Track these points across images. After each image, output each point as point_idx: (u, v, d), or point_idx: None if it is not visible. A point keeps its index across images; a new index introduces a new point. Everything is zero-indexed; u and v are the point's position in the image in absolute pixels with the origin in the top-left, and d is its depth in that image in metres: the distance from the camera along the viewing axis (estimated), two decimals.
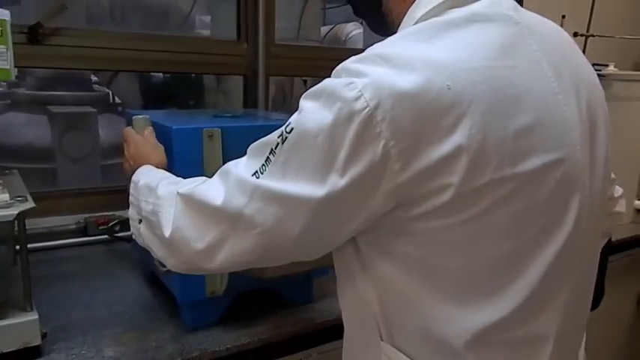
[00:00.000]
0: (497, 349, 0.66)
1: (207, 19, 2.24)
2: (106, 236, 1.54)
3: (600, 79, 0.78)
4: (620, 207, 1.00)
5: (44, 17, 1.40)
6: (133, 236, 0.88)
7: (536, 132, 0.62)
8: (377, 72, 0.59)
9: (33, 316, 0.94)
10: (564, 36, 0.76)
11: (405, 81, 0.58)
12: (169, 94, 2.14)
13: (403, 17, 0.73)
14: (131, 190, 0.89)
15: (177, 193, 0.75)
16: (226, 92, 2.04)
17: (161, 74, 2.05)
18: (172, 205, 0.75)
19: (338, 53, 2.00)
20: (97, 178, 2.13)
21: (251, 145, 0.71)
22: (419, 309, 0.66)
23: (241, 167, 0.69)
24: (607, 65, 1.88)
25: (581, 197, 0.67)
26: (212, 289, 1.07)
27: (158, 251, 0.79)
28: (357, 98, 0.58)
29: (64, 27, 1.46)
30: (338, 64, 0.65)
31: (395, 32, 0.69)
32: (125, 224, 1.55)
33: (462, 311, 0.64)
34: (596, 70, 0.78)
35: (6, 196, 0.92)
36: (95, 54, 1.54)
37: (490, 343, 0.65)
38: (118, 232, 1.55)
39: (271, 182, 0.65)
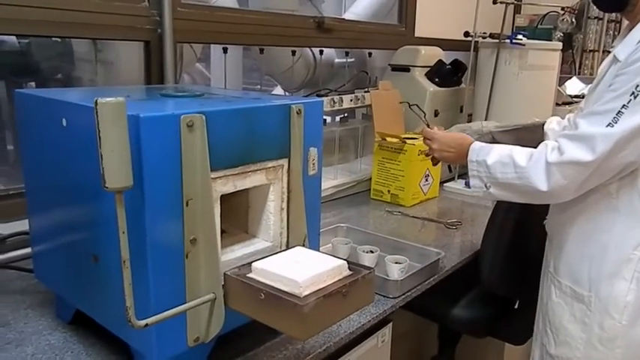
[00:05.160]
0: None
1: None
2: None
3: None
4: None
5: None
6: (482, 192, 1.13)
7: None
8: None
9: None
10: None
11: None
12: (25, 65, 1.63)
13: None
14: (475, 167, 1.13)
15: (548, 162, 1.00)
16: (108, 63, 1.62)
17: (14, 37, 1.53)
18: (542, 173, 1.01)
19: (259, 17, 1.69)
20: None
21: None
22: None
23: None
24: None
25: None
26: (196, 336, 0.78)
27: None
28: None
29: None
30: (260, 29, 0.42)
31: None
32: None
33: None
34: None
35: None
36: None
37: None
38: None
39: None
